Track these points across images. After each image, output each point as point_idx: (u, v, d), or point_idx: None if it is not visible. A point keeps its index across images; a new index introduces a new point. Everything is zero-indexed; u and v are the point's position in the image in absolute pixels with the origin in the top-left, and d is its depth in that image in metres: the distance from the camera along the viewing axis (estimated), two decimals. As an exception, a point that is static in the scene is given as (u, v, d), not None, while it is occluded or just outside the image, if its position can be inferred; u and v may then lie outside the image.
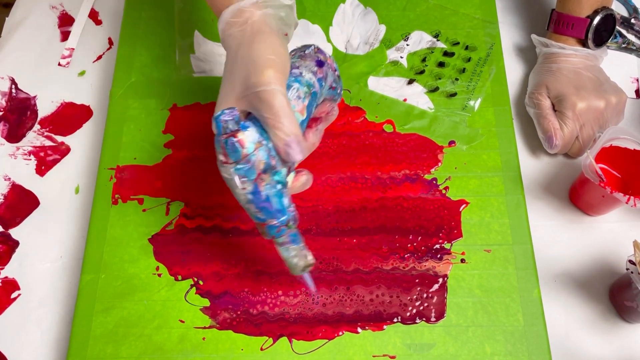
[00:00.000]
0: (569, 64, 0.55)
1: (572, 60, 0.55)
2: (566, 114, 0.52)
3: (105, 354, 0.47)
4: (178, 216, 0.52)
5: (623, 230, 0.53)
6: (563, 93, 0.53)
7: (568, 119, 0.52)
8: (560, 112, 0.53)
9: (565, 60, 0.55)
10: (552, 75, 0.54)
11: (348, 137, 0.55)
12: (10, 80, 0.61)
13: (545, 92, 0.54)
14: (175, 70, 0.58)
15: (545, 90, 0.54)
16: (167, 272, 0.50)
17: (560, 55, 0.55)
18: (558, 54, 0.55)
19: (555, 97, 0.53)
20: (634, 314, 0.47)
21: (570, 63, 0.55)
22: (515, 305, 0.48)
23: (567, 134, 0.52)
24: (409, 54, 0.59)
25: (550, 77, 0.54)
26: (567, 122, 0.52)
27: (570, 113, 0.52)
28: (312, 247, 0.50)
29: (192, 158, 0.54)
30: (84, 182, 0.56)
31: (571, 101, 0.52)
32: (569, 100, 0.52)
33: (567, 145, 0.53)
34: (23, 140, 0.58)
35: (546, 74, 0.55)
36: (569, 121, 0.52)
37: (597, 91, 0.53)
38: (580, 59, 0.55)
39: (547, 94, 0.54)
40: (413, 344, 0.47)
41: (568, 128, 0.52)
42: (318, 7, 0.62)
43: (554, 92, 0.53)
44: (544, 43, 0.57)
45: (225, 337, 0.47)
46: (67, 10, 0.65)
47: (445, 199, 0.52)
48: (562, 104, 0.52)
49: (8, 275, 0.52)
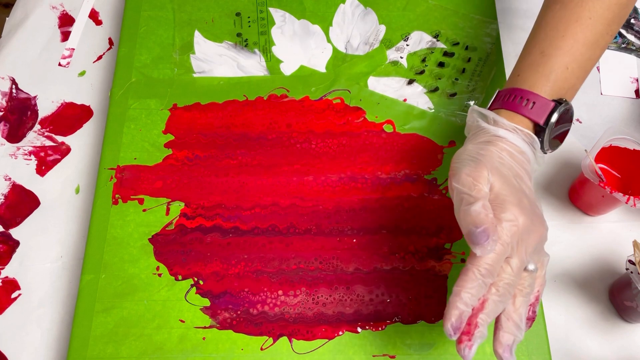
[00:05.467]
0: (513, 160, 0.41)
1: (516, 157, 0.41)
2: (502, 225, 0.37)
3: (106, 354, 0.47)
4: (178, 216, 0.52)
5: (623, 230, 0.53)
6: (504, 199, 0.38)
7: (503, 232, 0.37)
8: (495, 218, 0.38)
9: (511, 154, 0.41)
10: (497, 167, 0.40)
11: (348, 137, 0.55)
12: (11, 80, 0.61)
13: (485, 180, 0.39)
14: (175, 70, 0.58)
15: (485, 178, 0.39)
16: (167, 272, 0.50)
17: (504, 141, 0.41)
18: (502, 139, 0.41)
19: (493, 198, 0.39)
20: (634, 314, 0.47)
21: (514, 159, 0.41)
22: (515, 305, 0.48)
23: (499, 249, 0.37)
24: (409, 54, 0.59)
25: (493, 166, 0.39)
26: (502, 235, 0.37)
27: (507, 225, 0.37)
28: (312, 247, 0.50)
29: (192, 158, 0.54)
30: (84, 182, 0.56)
31: (513, 213, 0.38)
32: (510, 211, 0.38)
33: (493, 266, 0.37)
34: (23, 140, 0.58)
35: (488, 156, 0.40)
36: (503, 234, 0.37)
37: (536, 214, 0.40)
38: (524, 157, 0.41)
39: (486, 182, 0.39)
40: (413, 343, 0.47)
41: (502, 241, 0.37)
42: (318, 7, 0.62)
43: (493, 191, 0.39)
44: (490, 119, 0.42)
45: (225, 336, 0.47)
46: (67, 10, 0.66)
47: (445, 199, 0.52)
48: (499, 212, 0.38)
49: (8, 275, 0.52)
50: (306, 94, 0.57)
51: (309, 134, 0.55)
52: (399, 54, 0.59)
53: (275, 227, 0.51)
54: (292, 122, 0.56)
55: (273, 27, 0.61)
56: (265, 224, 0.51)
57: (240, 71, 0.58)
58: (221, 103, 0.57)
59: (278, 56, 0.59)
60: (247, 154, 0.54)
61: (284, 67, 0.59)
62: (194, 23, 0.61)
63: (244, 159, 0.54)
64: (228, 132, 0.55)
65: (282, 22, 0.61)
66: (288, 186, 0.53)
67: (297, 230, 0.51)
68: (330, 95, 0.57)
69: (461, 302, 0.36)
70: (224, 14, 0.62)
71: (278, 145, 0.55)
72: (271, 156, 0.54)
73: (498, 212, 0.38)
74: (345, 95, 0.57)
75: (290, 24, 0.61)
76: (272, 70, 0.59)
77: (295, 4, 0.62)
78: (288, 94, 0.57)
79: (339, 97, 0.57)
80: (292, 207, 0.52)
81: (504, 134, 0.41)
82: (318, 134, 0.55)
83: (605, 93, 0.59)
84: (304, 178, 0.53)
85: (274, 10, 0.62)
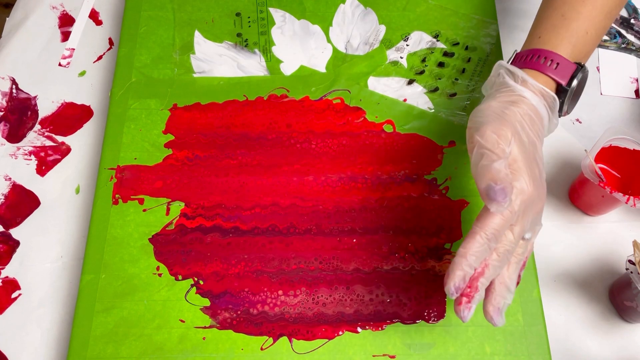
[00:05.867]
0: (532, 127, 0.41)
1: (535, 123, 0.41)
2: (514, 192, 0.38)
3: (106, 354, 0.47)
4: (178, 216, 0.52)
5: (623, 230, 0.53)
6: (519, 166, 0.39)
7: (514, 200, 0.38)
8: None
9: (531, 119, 0.41)
10: (519, 131, 0.40)
11: (348, 137, 0.55)
12: (11, 80, 0.61)
13: (508, 142, 0.39)
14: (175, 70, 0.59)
15: (508, 139, 0.39)
16: (167, 272, 0.50)
17: (527, 104, 0.41)
18: (526, 101, 0.41)
19: (509, 163, 0.39)
20: (634, 314, 0.47)
21: (533, 125, 0.41)
22: (515, 305, 0.48)
23: (507, 215, 0.37)
24: (408, 54, 0.59)
25: (515, 130, 0.40)
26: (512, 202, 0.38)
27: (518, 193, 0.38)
28: (312, 247, 0.50)
29: (192, 158, 0.54)
30: (84, 182, 0.56)
31: (525, 182, 0.38)
32: (523, 179, 0.38)
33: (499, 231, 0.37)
34: (24, 140, 0.58)
35: (512, 118, 0.40)
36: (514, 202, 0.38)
37: (542, 185, 0.41)
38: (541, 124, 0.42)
39: (508, 144, 0.39)
40: (413, 343, 0.47)
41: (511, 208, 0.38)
42: (318, 7, 0.62)
43: (511, 156, 0.39)
44: (519, 77, 0.43)
45: (225, 336, 0.47)
46: (67, 10, 0.66)
47: (445, 199, 0.52)
48: (512, 179, 0.38)
49: (8, 275, 0.52)
50: (306, 94, 0.57)
51: (309, 134, 0.55)
52: (399, 54, 0.59)
53: (275, 227, 0.51)
54: (292, 122, 0.56)
55: (273, 27, 0.61)
56: (265, 224, 0.51)
57: (240, 71, 0.58)
58: (221, 103, 0.57)
59: (278, 56, 0.59)
60: (247, 154, 0.54)
61: (284, 67, 0.59)
62: (194, 23, 0.61)
63: (244, 159, 0.54)
64: (228, 132, 0.55)
65: (282, 22, 0.61)
66: (288, 186, 0.53)
67: (297, 230, 0.51)
68: (330, 95, 0.57)
69: (466, 263, 0.37)
70: (224, 14, 0.62)
71: (278, 145, 0.55)
72: (271, 156, 0.54)
73: (512, 178, 0.38)
74: (345, 95, 0.57)
75: (290, 24, 0.61)
76: (272, 70, 0.59)
77: (295, 4, 0.62)
78: (288, 94, 0.57)
79: (339, 97, 0.57)
80: (292, 207, 0.52)
81: (529, 96, 0.42)
82: (318, 134, 0.55)
83: (605, 93, 0.59)
84: (304, 178, 0.53)
85: (274, 10, 0.62)
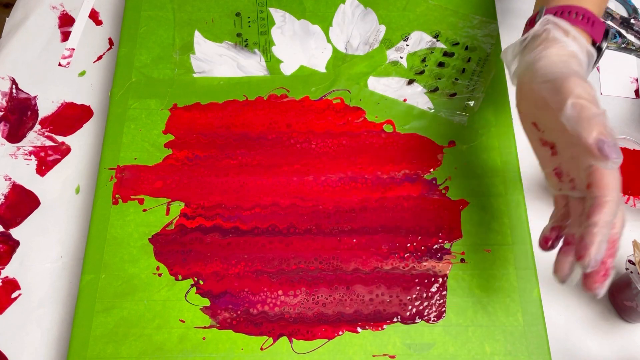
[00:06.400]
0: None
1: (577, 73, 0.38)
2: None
3: (106, 354, 0.47)
4: (178, 216, 0.52)
5: (623, 230, 0.52)
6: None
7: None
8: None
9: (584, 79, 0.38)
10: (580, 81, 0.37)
11: (348, 137, 0.55)
12: (11, 80, 0.61)
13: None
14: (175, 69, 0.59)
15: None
16: (167, 272, 0.50)
17: (578, 64, 0.40)
18: (577, 61, 0.40)
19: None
20: (634, 314, 0.48)
21: (577, 75, 0.38)
22: (515, 305, 0.48)
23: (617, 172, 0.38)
24: (408, 54, 0.59)
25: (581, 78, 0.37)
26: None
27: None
28: (312, 247, 0.50)
29: (192, 158, 0.54)
30: (84, 182, 0.56)
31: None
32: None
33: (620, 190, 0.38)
34: (23, 141, 0.58)
35: (581, 74, 0.38)
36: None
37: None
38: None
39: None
40: (413, 343, 0.47)
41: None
42: (318, 7, 0.62)
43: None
44: (571, 34, 0.40)
45: (225, 336, 0.47)
46: (67, 10, 0.66)
47: (445, 199, 0.52)
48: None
49: (8, 275, 0.52)
50: (306, 94, 0.57)
51: (309, 134, 0.55)
52: (399, 54, 0.59)
53: (275, 227, 0.51)
54: (292, 122, 0.56)
55: (273, 27, 0.61)
56: (265, 224, 0.51)
57: (240, 71, 0.58)
58: (221, 103, 0.57)
59: (278, 56, 0.59)
60: (247, 154, 0.54)
61: (284, 67, 0.59)
62: (194, 23, 0.61)
63: (244, 159, 0.54)
64: (228, 132, 0.55)
65: (282, 22, 0.61)
66: (288, 186, 0.53)
67: (297, 230, 0.51)
68: (330, 95, 0.57)
69: (605, 232, 0.36)
70: (224, 14, 0.62)
71: (278, 145, 0.55)
72: (271, 156, 0.54)
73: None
74: (345, 95, 0.57)
75: (290, 24, 0.61)
76: (272, 70, 0.59)
77: (295, 4, 0.62)
78: (288, 94, 0.57)
79: (339, 97, 0.57)
80: (292, 207, 0.52)
81: (578, 52, 0.40)
82: (318, 134, 0.55)
83: (605, 93, 0.59)
84: (304, 178, 0.53)
85: (274, 11, 0.62)
